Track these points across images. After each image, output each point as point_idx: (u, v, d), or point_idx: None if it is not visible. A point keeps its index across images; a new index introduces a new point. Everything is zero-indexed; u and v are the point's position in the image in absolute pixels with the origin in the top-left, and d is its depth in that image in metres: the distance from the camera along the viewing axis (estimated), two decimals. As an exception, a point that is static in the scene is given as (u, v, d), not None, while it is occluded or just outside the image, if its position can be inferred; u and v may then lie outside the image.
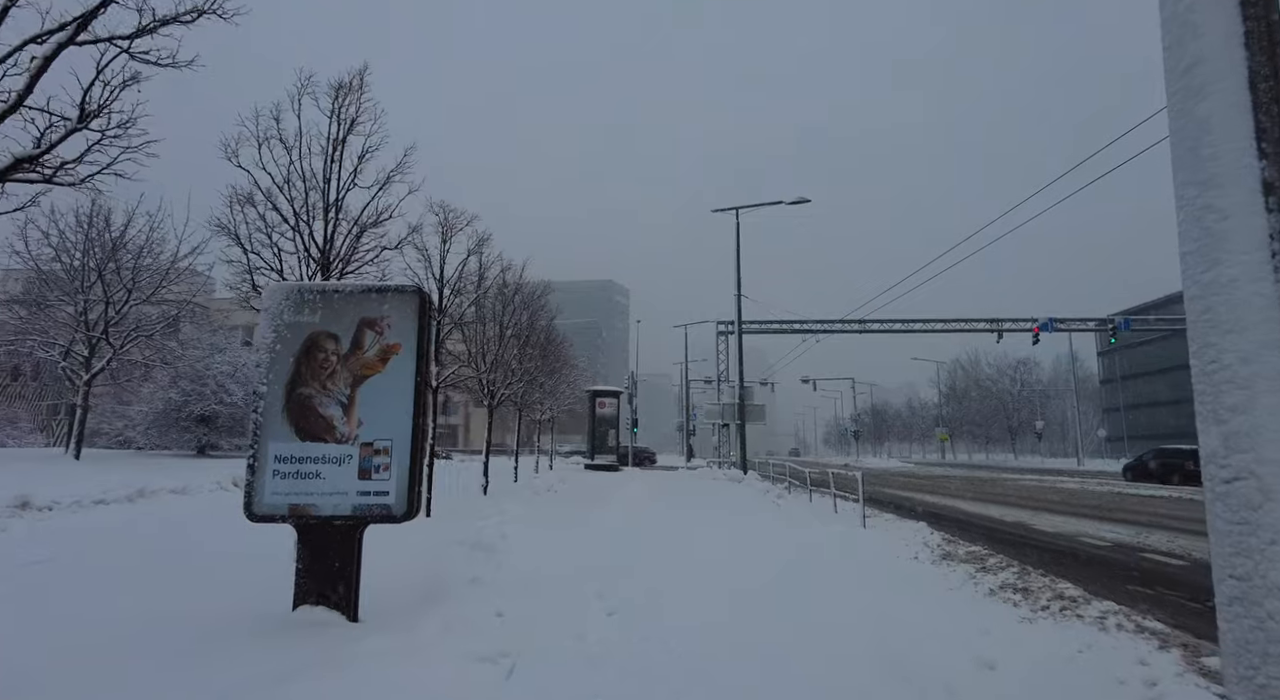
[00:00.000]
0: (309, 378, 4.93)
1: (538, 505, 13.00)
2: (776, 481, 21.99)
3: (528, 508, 12.23)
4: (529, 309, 15.84)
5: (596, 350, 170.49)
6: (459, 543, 7.21)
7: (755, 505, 13.99)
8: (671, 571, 6.54)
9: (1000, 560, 7.65)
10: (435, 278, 11.20)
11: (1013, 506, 16.61)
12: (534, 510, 11.85)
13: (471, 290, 12.08)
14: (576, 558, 7.27)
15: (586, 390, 29.87)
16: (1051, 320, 31.68)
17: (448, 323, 11.57)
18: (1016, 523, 13.29)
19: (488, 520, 9.89)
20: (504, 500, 13.15)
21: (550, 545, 8.14)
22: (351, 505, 4.79)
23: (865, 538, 9.51)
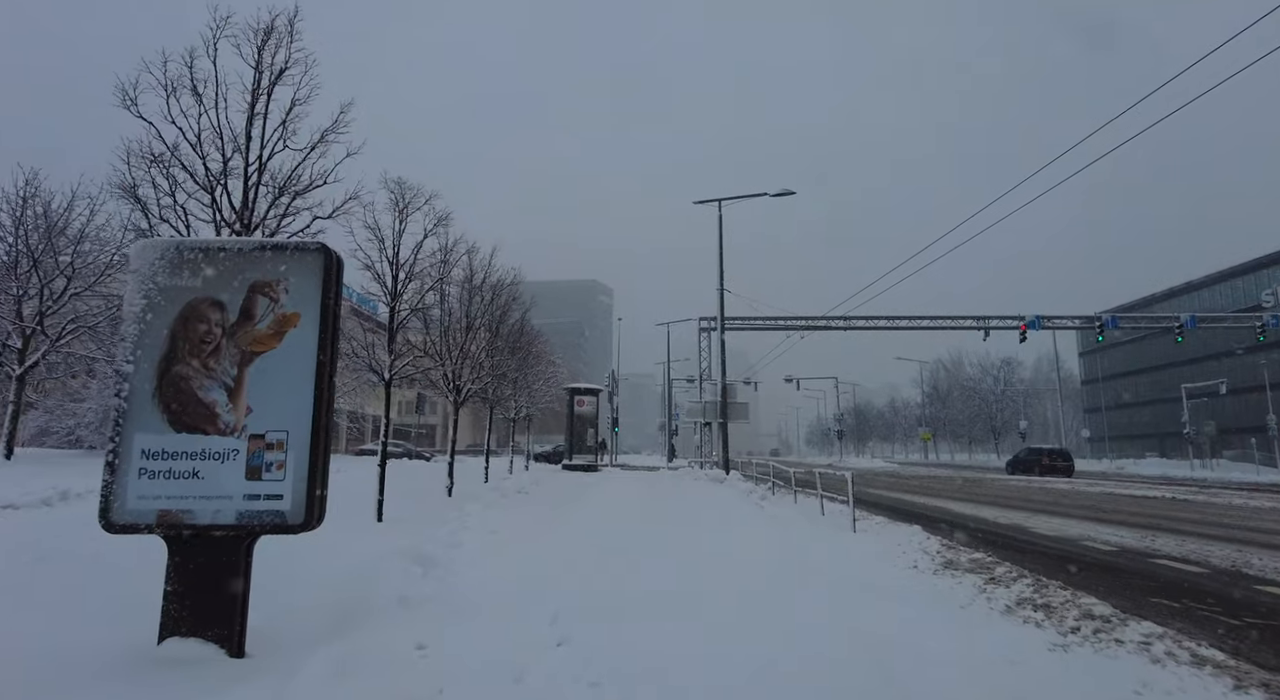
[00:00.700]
0: (187, 354, 3.99)
1: (504, 509, 12.06)
2: (760, 482, 21.18)
3: (492, 512, 11.29)
4: (499, 298, 14.88)
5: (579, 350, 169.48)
6: (400, 553, 6.28)
7: (737, 508, 13.16)
8: (642, 589, 5.66)
9: (1009, 570, 6.86)
10: (389, 260, 10.24)
11: (1005, 508, 15.93)
12: (498, 515, 10.92)
13: (433, 275, 11.12)
14: (534, 571, 6.37)
15: (565, 388, 28.91)
16: (1039, 318, 31.23)
17: (403, 309, 10.61)
18: (1013, 525, 12.59)
19: (443, 526, 8.96)
20: (469, 503, 12.20)
21: (507, 556, 7.23)
22: (236, 512, 3.86)
23: (857, 544, 8.70)
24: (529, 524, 10.02)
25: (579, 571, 6.37)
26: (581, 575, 6.20)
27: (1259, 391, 50.70)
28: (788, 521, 11.03)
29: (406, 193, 10.65)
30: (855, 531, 10.17)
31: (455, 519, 9.65)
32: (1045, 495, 19.72)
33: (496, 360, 15.78)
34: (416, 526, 9.07)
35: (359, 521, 9.85)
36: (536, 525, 9.93)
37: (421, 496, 14.07)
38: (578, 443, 28.20)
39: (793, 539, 8.89)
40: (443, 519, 9.73)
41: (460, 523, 9.33)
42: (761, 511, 12.66)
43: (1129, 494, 19.94)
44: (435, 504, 12.44)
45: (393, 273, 10.41)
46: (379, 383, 10.49)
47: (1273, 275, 53.54)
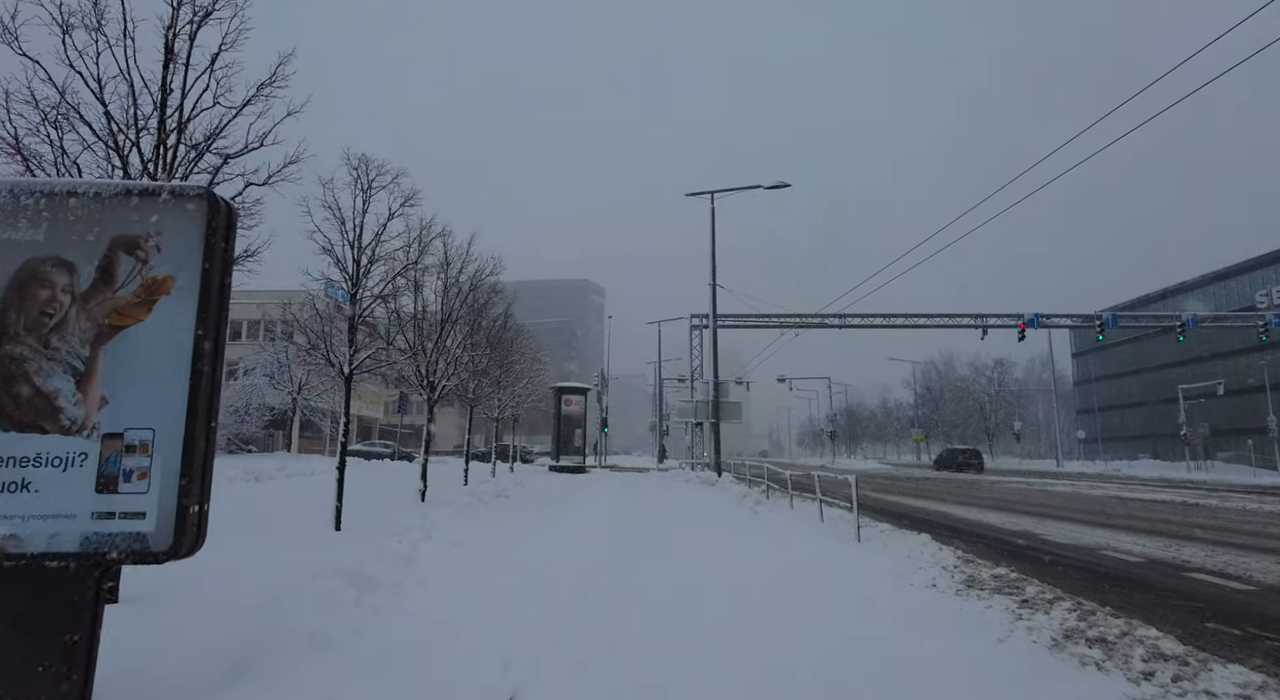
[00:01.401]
0: (21, 330, 3.07)
1: (478, 516, 11.15)
2: (753, 485, 20.34)
3: (464, 519, 10.38)
4: (478, 289, 13.95)
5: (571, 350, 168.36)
6: (339, 572, 5.36)
7: (731, 515, 12.29)
8: (620, 619, 4.78)
9: (1041, 590, 6.01)
10: (349, 242, 9.30)
11: (1010, 512, 15.17)
12: (469, 523, 10.01)
13: (401, 259, 10.19)
14: (495, 596, 5.47)
15: (552, 387, 27.96)
16: (1038, 316, 30.53)
17: (366, 297, 9.68)
18: (1023, 532, 11.80)
19: (403, 537, 8.05)
20: (441, 509, 11.30)
21: (467, 575, 6.33)
22: (81, 536, 2.94)
23: (865, 558, 7.84)
24: (501, 534, 9.12)
25: (549, 596, 5.48)
26: (551, 600, 5.31)
27: (1252, 393, 50.40)
28: (786, 530, 10.17)
29: (370, 169, 9.75)
30: (860, 541, 9.33)
31: (420, 528, 8.73)
32: (1048, 498, 18.99)
33: (475, 356, 14.86)
34: (375, 537, 8.17)
35: (312, 531, 8.93)
36: (510, 535, 9.02)
37: (391, 501, 13.15)
38: (565, 443, 27.27)
39: (793, 552, 8.03)
40: (406, 527, 8.82)
41: (424, 532, 8.42)
42: (756, 518, 11.80)
43: (1134, 497, 19.24)
44: (404, 510, 11.52)
45: (354, 257, 9.49)
46: (339, 377, 9.55)
47: (1266, 276, 53.26)
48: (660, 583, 6.04)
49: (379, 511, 11.34)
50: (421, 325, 13.00)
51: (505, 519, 10.81)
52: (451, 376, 13.34)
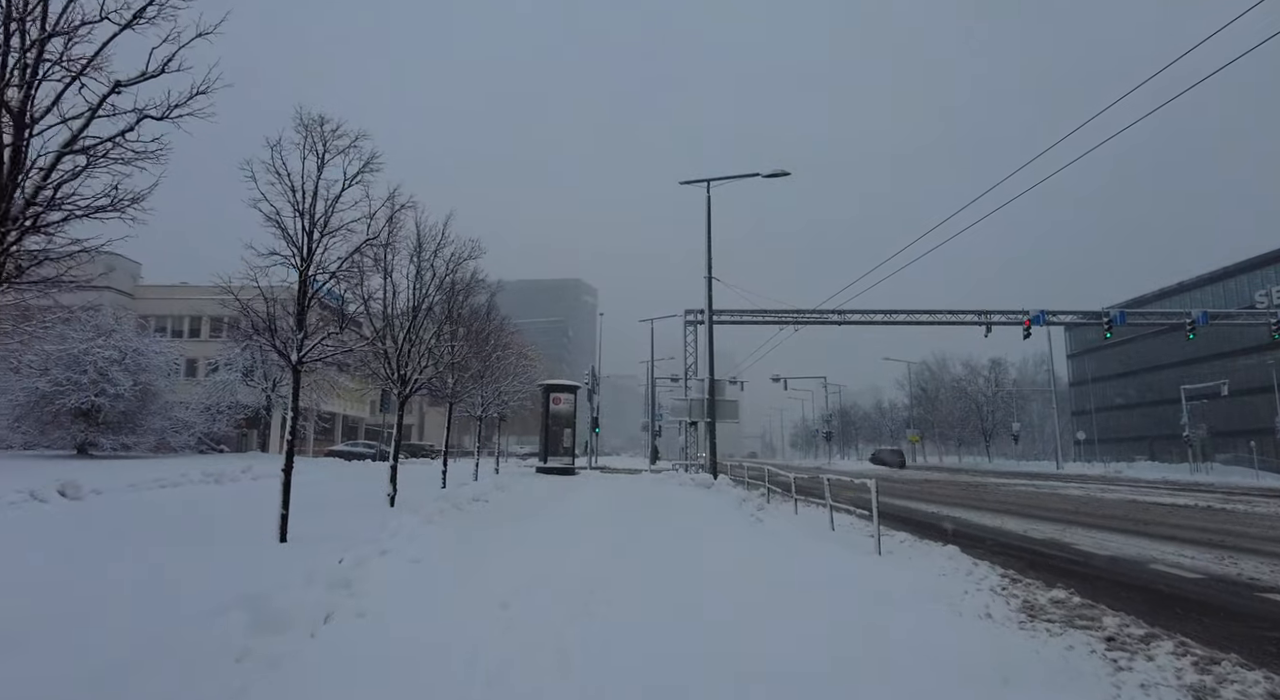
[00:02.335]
0: None
1: (449, 524, 9.97)
2: (752, 487, 19.22)
3: (431, 529, 9.18)
4: (453, 274, 12.77)
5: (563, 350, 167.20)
6: (248, 601, 4.18)
7: (731, 522, 11.16)
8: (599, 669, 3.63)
9: (1123, 621, 4.91)
10: (296, 209, 8.11)
11: (1029, 518, 14.10)
12: (436, 533, 8.83)
13: (358, 230, 8.99)
14: (443, 635, 4.32)
15: (539, 384, 26.74)
16: (1043, 312, 29.51)
17: (320, 276, 8.49)
18: (1053, 541, 10.73)
19: (354, 550, 6.87)
20: (408, 517, 10.08)
21: (421, 603, 5.16)
22: None
23: (893, 576, 6.71)
24: (471, 547, 7.94)
25: (519, 636, 4.33)
26: (515, 641, 4.16)
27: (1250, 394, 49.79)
28: (796, 542, 9.02)
29: (325, 129, 8.57)
30: (881, 554, 8.21)
31: (376, 540, 7.55)
32: (1063, 503, 17.95)
33: (453, 348, 13.67)
34: (321, 550, 6.99)
35: (252, 543, 7.74)
36: (480, 549, 7.85)
37: (357, 507, 11.96)
38: (553, 444, 26.05)
39: (811, 572, 6.89)
40: (364, 537, 7.63)
41: (379, 546, 7.24)
42: (760, 526, 10.67)
43: (1152, 501, 18.23)
44: (368, 517, 10.31)
45: (305, 228, 8.30)
46: (288, 367, 8.36)
47: (1265, 276, 52.69)
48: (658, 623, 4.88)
49: (338, 519, 10.15)
50: (391, 312, 11.83)
51: (479, 529, 9.63)
52: (424, 369, 12.15)
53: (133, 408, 21.50)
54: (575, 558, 7.23)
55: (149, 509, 10.80)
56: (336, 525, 9.34)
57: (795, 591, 5.85)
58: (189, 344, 35.53)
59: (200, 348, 33.77)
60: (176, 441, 23.89)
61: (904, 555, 8.25)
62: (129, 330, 22.70)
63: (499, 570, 6.58)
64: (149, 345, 21.99)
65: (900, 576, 6.70)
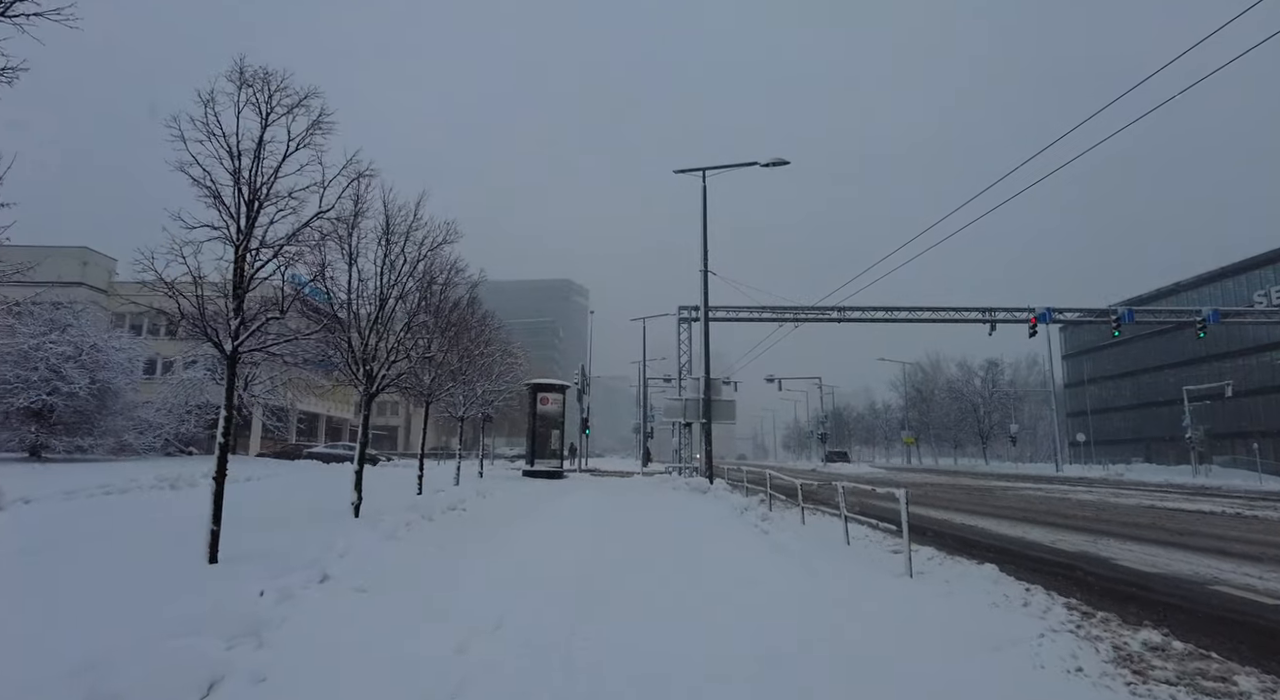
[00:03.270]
0: None
1: (416, 538, 8.79)
2: (751, 493, 18.11)
3: (392, 544, 8.01)
4: (427, 259, 11.57)
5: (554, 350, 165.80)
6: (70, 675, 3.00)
7: (733, 533, 10.03)
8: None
9: (1260, 682, 3.80)
10: (231, 172, 6.91)
11: (1049, 526, 13.06)
12: (396, 550, 7.66)
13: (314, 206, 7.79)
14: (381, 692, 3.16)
15: (526, 384, 25.54)
16: (1049, 310, 28.56)
17: (265, 252, 7.28)
18: (1088, 555, 9.67)
19: (288, 575, 5.70)
20: (368, 530, 8.89)
21: (351, 654, 3.99)
22: None
23: (939, 607, 5.59)
24: (435, 567, 6.76)
25: None
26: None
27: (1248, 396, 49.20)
28: (811, 558, 7.89)
29: (268, 84, 7.39)
30: (913, 576, 7.09)
31: (320, 562, 6.35)
32: (1079, 509, 16.93)
33: (429, 344, 12.48)
34: (253, 574, 5.82)
35: (175, 564, 6.53)
36: (446, 569, 6.67)
37: (316, 518, 10.74)
38: (541, 446, 24.84)
39: (837, 598, 5.75)
40: (305, 560, 6.43)
41: (321, 569, 6.06)
42: (766, 539, 9.53)
43: (1174, 507, 17.24)
44: (324, 530, 9.08)
45: (244, 195, 7.11)
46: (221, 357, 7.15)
47: (1264, 276, 52.18)
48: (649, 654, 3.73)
49: (289, 533, 8.94)
50: (356, 300, 10.64)
51: (451, 543, 8.45)
52: (393, 364, 10.96)
53: (90, 408, 20.15)
54: (556, 581, 6.07)
55: (72, 521, 9.55)
56: (284, 541, 8.13)
57: (828, 632, 4.71)
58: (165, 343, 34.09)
59: (178, 346, 32.35)
60: (139, 444, 22.48)
61: (938, 576, 7.14)
62: (89, 325, 21.27)
63: (462, 601, 5.42)
64: (109, 341, 20.61)
65: (947, 608, 5.58)
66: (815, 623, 4.93)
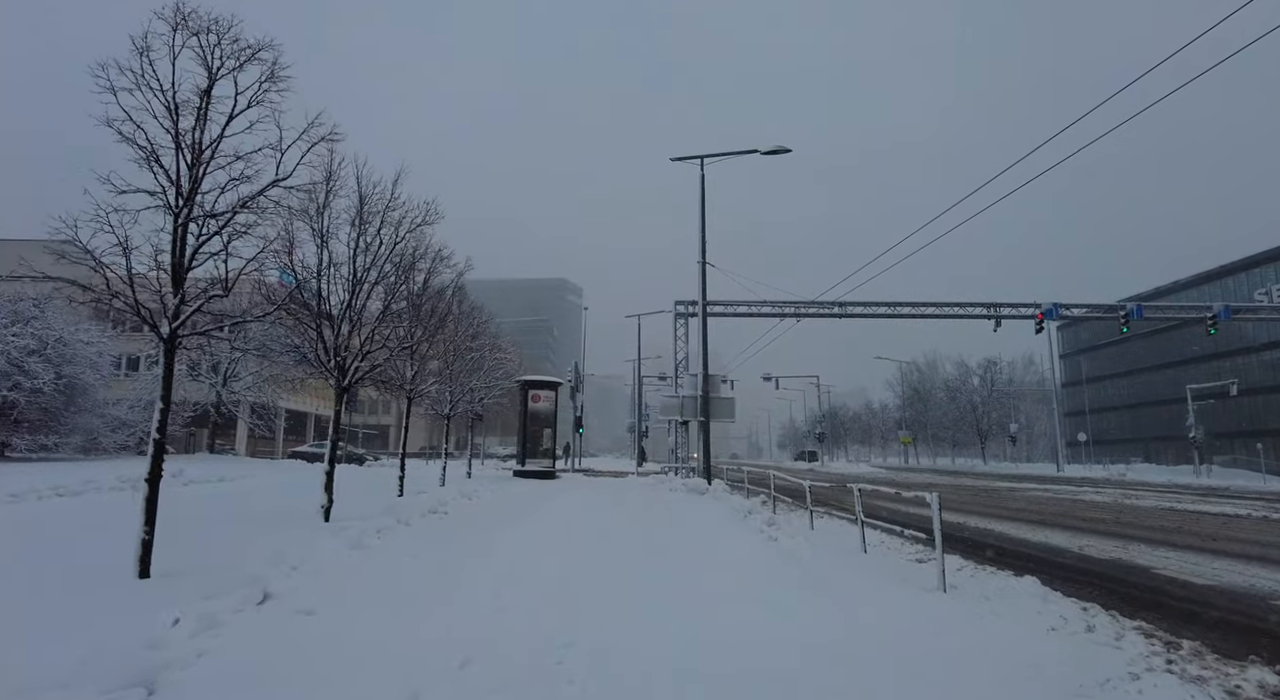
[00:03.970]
0: None
1: (388, 545, 7.90)
2: (752, 495, 17.26)
3: (358, 555, 7.12)
4: (405, 242, 10.67)
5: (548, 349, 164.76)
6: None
7: (738, 538, 9.17)
8: None
9: None
10: (173, 132, 6.01)
11: (1075, 531, 12.26)
12: (363, 561, 6.77)
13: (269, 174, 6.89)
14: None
15: (517, 380, 24.64)
16: (1056, 306, 27.78)
17: (213, 225, 6.38)
18: (1129, 564, 8.86)
19: (229, 594, 4.82)
20: (330, 539, 8.00)
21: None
22: None
23: (988, 632, 4.75)
24: (399, 582, 5.87)
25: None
26: None
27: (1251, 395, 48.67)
28: (829, 570, 7.04)
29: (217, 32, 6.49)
30: (947, 591, 6.25)
31: (266, 576, 5.47)
32: (1096, 511, 16.16)
33: (406, 331, 11.57)
34: (181, 597, 4.94)
35: (95, 585, 5.62)
36: (411, 585, 5.77)
37: (281, 522, 9.83)
38: (532, 445, 23.95)
39: (868, 619, 4.90)
40: (250, 573, 5.54)
41: (264, 586, 5.17)
42: (775, 546, 8.67)
43: (1195, 510, 16.48)
44: (286, 535, 8.19)
45: (185, 157, 6.20)
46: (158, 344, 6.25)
47: (1265, 274, 51.71)
48: None
49: (244, 540, 8.03)
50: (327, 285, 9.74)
51: (425, 552, 7.55)
52: (367, 355, 10.06)
53: (56, 404, 19.17)
54: (539, 603, 5.19)
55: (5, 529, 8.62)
56: (235, 549, 7.24)
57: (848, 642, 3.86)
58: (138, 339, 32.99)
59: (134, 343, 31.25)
60: (109, 442, 21.45)
61: (975, 591, 6.30)
62: (55, 318, 20.23)
63: (426, 630, 4.54)
64: (76, 335, 19.60)
65: (999, 635, 4.73)
66: (848, 662, 4.07)
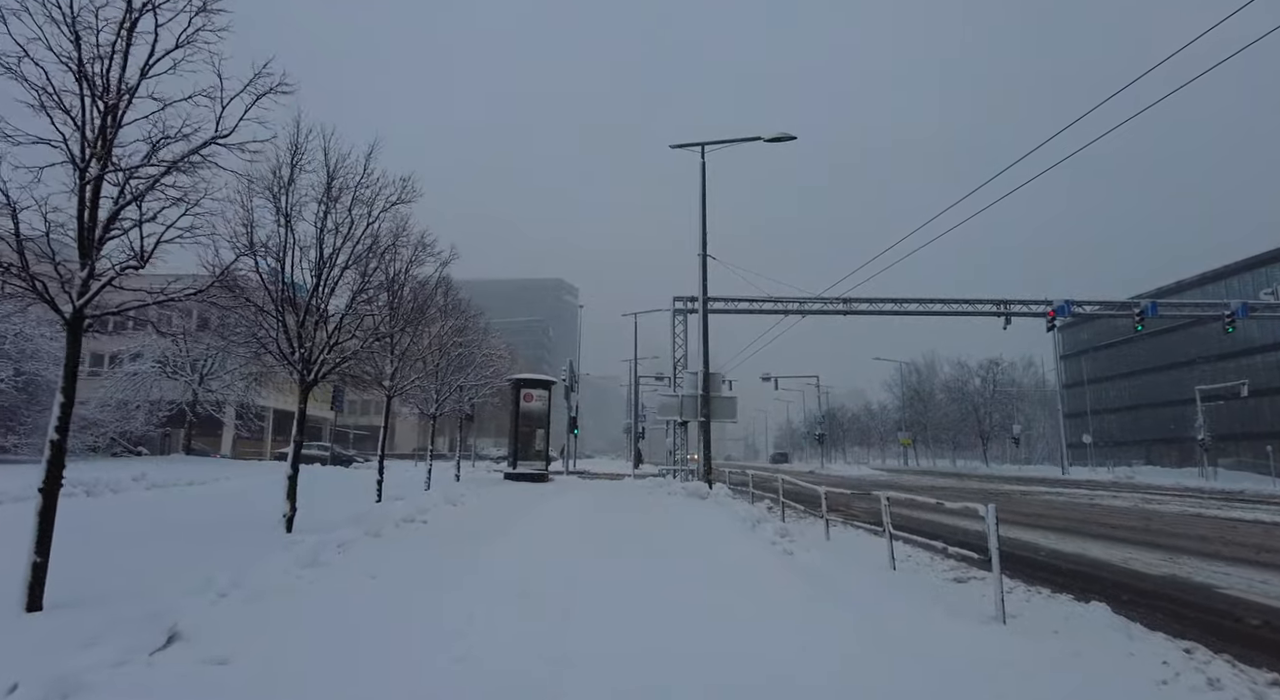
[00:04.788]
0: None
1: (351, 562, 6.85)
2: (757, 499, 16.27)
3: (310, 575, 6.07)
4: (379, 220, 9.62)
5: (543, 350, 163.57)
6: None
7: (749, 554, 8.14)
8: None
9: None
10: (76, 66, 4.98)
11: (1109, 541, 11.32)
12: (312, 584, 5.73)
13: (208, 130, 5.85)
14: None
15: (509, 379, 23.57)
16: (1068, 302, 26.78)
17: (133, 183, 5.34)
18: (1177, 580, 7.93)
19: (119, 634, 3.78)
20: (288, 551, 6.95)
21: None
22: None
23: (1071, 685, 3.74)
24: (347, 617, 4.83)
25: None
26: None
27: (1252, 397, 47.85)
28: (852, 592, 6.03)
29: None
30: (1005, 622, 5.25)
31: (180, 607, 4.43)
32: (1121, 517, 15.22)
33: (378, 320, 10.54)
34: (71, 633, 3.92)
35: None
36: (359, 622, 4.73)
37: (238, 530, 8.81)
38: (524, 446, 22.85)
39: (926, 670, 3.89)
40: (161, 604, 4.50)
41: (174, 621, 4.13)
42: (791, 562, 7.65)
43: (1229, 517, 15.55)
44: (234, 550, 7.14)
45: (93, 97, 5.17)
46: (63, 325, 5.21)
47: (1271, 273, 50.99)
48: None
49: (187, 554, 7.00)
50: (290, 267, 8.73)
51: (389, 571, 6.51)
52: (334, 346, 9.03)
53: (16, 403, 18.04)
54: (518, 644, 4.16)
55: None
56: (164, 570, 6.20)
57: None
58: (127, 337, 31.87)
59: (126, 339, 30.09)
60: (73, 443, 20.29)
61: (1040, 623, 5.30)
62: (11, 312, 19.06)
63: (370, 683, 3.52)
64: (38, 329, 18.46)
65: (1098, 691, 3.72)
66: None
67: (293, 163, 9.07)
